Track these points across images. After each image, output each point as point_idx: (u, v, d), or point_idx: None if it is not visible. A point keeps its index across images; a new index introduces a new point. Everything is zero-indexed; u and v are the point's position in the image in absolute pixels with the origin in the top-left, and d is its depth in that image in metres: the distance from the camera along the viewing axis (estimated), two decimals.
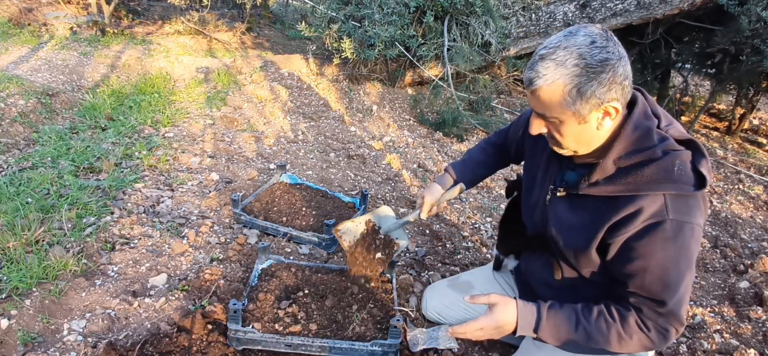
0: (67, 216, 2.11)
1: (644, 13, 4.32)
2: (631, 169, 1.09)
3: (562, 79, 1.02)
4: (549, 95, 1.05)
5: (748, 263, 2.45)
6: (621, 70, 1.02)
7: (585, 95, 1.02)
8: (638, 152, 1.08)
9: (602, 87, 1.02)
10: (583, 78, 1.01)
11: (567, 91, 1.03)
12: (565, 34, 1.05)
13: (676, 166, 1.05)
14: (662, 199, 1.05)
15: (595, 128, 1.09)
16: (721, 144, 4.51)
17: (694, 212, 1.06)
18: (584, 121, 1.07)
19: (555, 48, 1.03)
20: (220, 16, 6.35)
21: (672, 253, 1.06)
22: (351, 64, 4.64)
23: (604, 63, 1.01)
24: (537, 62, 1.05)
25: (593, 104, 1.04)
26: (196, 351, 1.59)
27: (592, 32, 1.03)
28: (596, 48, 1.01)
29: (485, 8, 4.26)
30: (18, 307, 1.62)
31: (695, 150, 1.09)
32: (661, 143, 1.08)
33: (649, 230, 1.06)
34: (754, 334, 1.96)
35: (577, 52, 1.01)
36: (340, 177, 3.05)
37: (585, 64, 1.01)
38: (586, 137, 1.12)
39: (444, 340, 1.71)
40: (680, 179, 1.04)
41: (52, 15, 5.58)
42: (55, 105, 3.44)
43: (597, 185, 1.13)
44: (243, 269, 2.01)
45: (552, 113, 1.08)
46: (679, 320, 1.12)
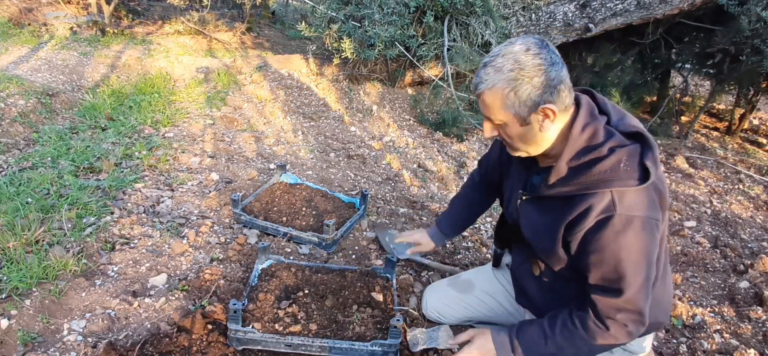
0: (67, 216, 2.11)
1: (644, 13, 4.32)
2: (581, 168, 1.14)
3: (500, 84, 1.12)
4: (491, 98, 1.15)
5: (748, 263, 2.45)
6: (554, 75, 1.11)
7: (521, 97, 1.12)
8: (587, 151, 1.14)
9: (536, 90, 1.11)
10: (518, 81, 1.10)
11: (505, 94, 1.12)
12: (505, 44, 1.15)
13: (622, 162, 1.11)
14: (610, 195, 1.11)
15: (538, 130, 1.17)
16: (721, 144, 4.51)
17: (642, 206, 1.11)
18: (525, 123, 1.16)
19: (495, 56, 1.14)
20: (220, 16, 6.35)
21: (623, 245, 1.11)
22: (351, 64, 4.64)
23: (537, 68, 1.10)
24: (481, 69, 1.16)
25: (530, 106, 1.13)
26: (196, 351, 1.59)
27: (529, 41, 1.13)
28: (530, 54, 1.10)
29: (485, 8, 4.26)
30: (18, 307, 1.63)
31: (643, 143, 1.14)
32: (609, 139, 1.14)
33: (601, 225, 1.12)
34: (754, 334, 1.96)
35: (513, 58, 1.11)
36: (340, 177, 3.05)
37: (519, 69, 1.10)
38: (532, 139, 1.20)
39: (444, 340, 1.71)
40: (625, 175, 1.10)
41: (52, 15, 5.58)
42: (55, 105, 3.44)
43: (554, 186, 1.20)
44: (243, 269, 2.01)
45: (496, 116, 1.18)
46: (638, 312, 1.16)
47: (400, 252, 2.10)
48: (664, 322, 1.39)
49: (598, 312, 1.18)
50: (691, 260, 2.52)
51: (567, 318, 1.24)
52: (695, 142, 4.49)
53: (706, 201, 3.30)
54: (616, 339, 1.20)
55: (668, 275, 1.39)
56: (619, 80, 4.83)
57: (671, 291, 1.41)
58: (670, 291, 1.40)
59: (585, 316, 1.21)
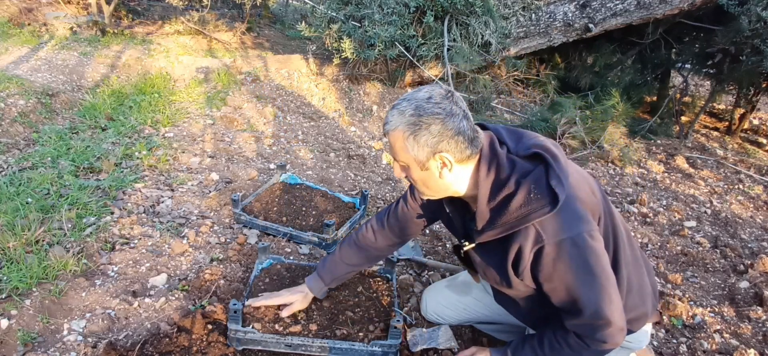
0: (67, 216, 2.11)
1: (644, 13, 4.32)
2: (499, 209, 1.17)
3: (401, 127, 1.15)
4: (394, 139, 1.18)
5: (748, 263, 2.45)
6: (451, 125, 1.13)
7: (419, 141, 1.14)
8: (498, 190, 1.16)
9: (433, 137, 1.13)
10: (415, 127, 1.14)
11: (405, 137, 1.15)
12: (413, 91, 1.19)
13: (531, 191, 1.12)
14: (533, 229, 1.13)
15: (438, 176, 1.20)
16: (721, 144, 4.51)
17: (567, 225, 1.12)
18: (425, 168, 1.19)
19: (401, 101, 1.18)
20: (220, 16, 6.34)
21: (565, 269, 1.14)
22: (351, 64, 4.64)
23: (434, 116, 1.13)
24: (389, 110, 1.20)
25: (427, 152, 1.15)
26: (196, 351, 1.59)
27: (434, 91, 1.16)
28: (431, 103, 1.14)
29: (485, 8, 4.26)
30: (18, 307, 1.63)
31: (545, 163, 1.15)
32: (512, 172, 1.16)
33: (538, 257, 1.15)
34: (754, 334, 1.96)
35: (415, 104, 1.14)
36: (340, 177, 3.05)
37: (418, 115, 1.13)
38: (433, 184, 1.23)
39: (444, 340, 1.71)
40: (538, 205, 1.11)
41: (52, 15, 5.58)
42: (55, 105, 3.44)
43: (483, 232, 1.22)
44: (243, 269, 2.01)
45: (399, 157, 1.21)
46: (608, 321, 1.16)
47: (401, 252, 2.11)
48: (650, 310, 1.39)
49: (576, 331, 1.21)
50: (691, 260, 2.52)
51: (552, 336, 1.27)
52: (695, 142, 4.49)
53: (706, 201, 3.30)
54: (601, 350, 1.22)
55: (641, 262, 1.40)
56: (619, 80, 4.83)
57: (646, 278, 1.41)
58: (645, 277, 1.40)
59: (566, 335, 1.24)
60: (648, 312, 1.39)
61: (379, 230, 1.64)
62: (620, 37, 4.89)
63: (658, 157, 4.08)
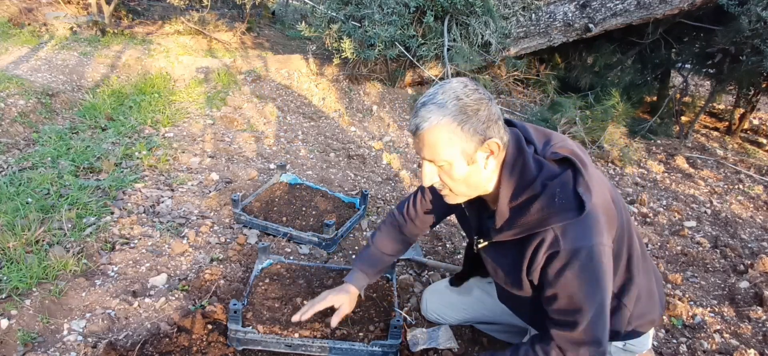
0: (67, 216, 2.11)
1: (644, 13, 4.31)
2: (520, 209, 1.13)
3: (445, 119, 1.07)
4: (435, 136, 1.09)
5: (748, 263, 2.45)
6: (494, 109, 1.11)
7: (468, 132, 1.08)
8: (522, 190, 1.13)
9: (482, 123, 1.08)
10: (464, 116, 1.07)
11: (452, 129, 1.08)
12: (440, 83, 1.13)
13: (557, 196, 1.09)
14: (553, 232, 1.10)
15: (483, 168, 1.14)
16: (721, 144, 4.51)
17: (587, 235, 1.09)
18: (472, 161, 1.12)
19: (433, 94, 1.10)
20: (220, 16, 6.34)
21: (572, 278, 1.11)
22: (351, 64, 4.63)
23: (479, 101, 1.09)
24: (420, 108, 1.11)
25: (477, 141, 1.09)
26: (196, 351, 1.59)
27: (463, 79, 1.12)
28: (469, 89, 1.10)
29: (485, 8, 4.25)
30: (18, 307, 1.63)
31: (574, 169, 1.12)
32: (540, 173, 1.12)
33: (550, 260, 1.12)
34: (754, 334, 1.96)
35: (453, 94, 1.08)
36: (340, 177, 3.05)
37: (463, 104, 1.07)
38: (476, 179, 1.16)
39: (444, 340, 1.71)
40: (562, 209, 1.08)
41: (52, 15, 5.58)
42: (55, 105, 3.44)
43: (501, 231, 1.19)
44: (243, 269, 2.01)
45: (441, 156, 1.11)
46: (596, 342, 1.14)
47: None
48: (657, 316, 1.39)
49: (558, 345, 1.17)
50: (691, 260, 2.52)
51: (529, 349, 1.22)
52: (695, 142, 4.49)
53: (706, 201, 3.30)
54: None
55: (650, 268, 1.38)
56: (619, 80, 4.82)
57: (655, 286, 1.39)
58: (653, 285, 1.39)
59: (547, 348, 1.19)
60: (656, 318, 1.38)
61: (407, 216, 1.62)
62: (620, 37, 4.89)
63: (658, 157, 4.08)
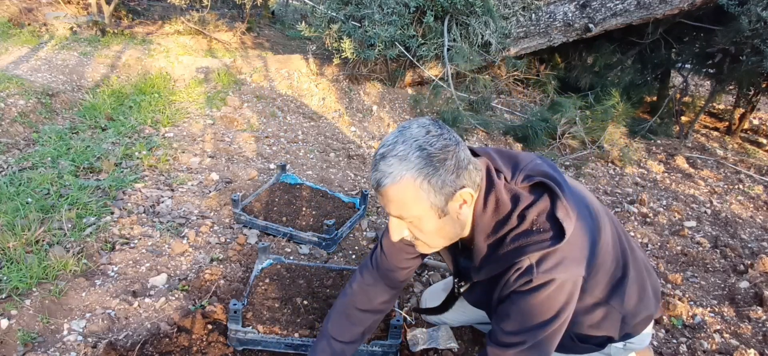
0: (67, 216, 2.11)
1: (644, 13, 4.31)
2: (499, 243, 1.07)
3: (409, 174, 0.97)
4: (400, 193, 0.99)
5: (748, 263, 2.45)
6: (462, 155, 1.01)
7: (436, 185, 0.98)
8: (499, 227, 1.06)
9: (450, 174, 0.99)
10: (430, 168, 0.97)
11: (418, 184, 0.97)
12: (399, 130, 1.02)
13: (533, 224, 1.04)
14: (528, 260, 1.04)
15: (456, 218, 1.06)
16: (721, 144, 4.51)
17: (562, 266, 1.03)
18: (444, 213, 1.03)
19: (393, 144, 0.99)
20: (220, 16, 6.34)
21: (532, 306, 1.05)
22: (351, 64, 4.63)
23: (445, 149, 0.98)
24: (379, 161, 1.00)
25: (446, 193, 1.00)
26: (196, 351, 1.59)
27: (425, 123, 1.01)
28: (433, 137, 0.99)
29: (485, 8, 4.25)
30: (18, 307, 1.63)
31: (551, 193, 1.06)
32: (516, 206, 1.05)
33: (518, 283, 1.06)
34: (754, 334, 1.96)
35: (415, 143, 0.97)
36: (340, 177, 3.05)
37: (427, 154, 0.97)
38: (449, 230, 1.08)
39: (444, 340, 1.71)
40: (539, 238, 1.02)
41: (52, 15, 5.58)
42: (55, 105, 3.44)
43: (481, 269, 1.13)
44: (243, 269, 2.01)
45: (409, 212, 1.02)
46: None
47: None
48: (653, 311, 1.37)
49: None
50: (691, 260, 2.52)
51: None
52: (695, 142, 4.49)
53: (706, 201, 3.30)
54: None
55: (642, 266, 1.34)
56: (619, 80, 4.83)
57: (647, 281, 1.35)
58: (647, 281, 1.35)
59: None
60: (652, 313, 1.38)
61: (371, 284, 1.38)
62: (620, 37, 4.89)
63: (658, 157, 4.08)
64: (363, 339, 1.42)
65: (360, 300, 1.38)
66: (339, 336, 1.36)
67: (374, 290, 1.38)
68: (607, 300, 1.25)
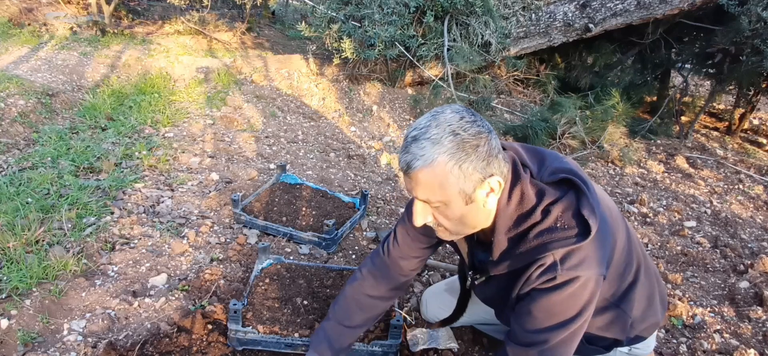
0: (67, 216, 2.11)
1: (644, 13, 4.31)
2: (520, 238, 1.06)
3: (441, 157, 0.96)
4: (430, 176, 0.98)
5: (748, 263, 2.45)
6: (494, 143, 1.01)
7: (466, 170, 0.98)
8: (522, 221, 1.05)
9: (481, 161, 0.98)
10: (462, 153, 0.97)
11: (448, 168, 0.97)
12: (432, 114, 1.01)
13: (558, 220, 1.03)
14: (552, 257, 1.03)
15: (482, 206, 1.04)
16: (721, 144, 4.51)
17: (586, 264, 1.03)
18: (471, 200, 1.02)
19: (426, 127, 0.99)
20: (220, 16, 6.34)
21: (556, 303, 1.04)
22: (351, 64, 4.63)
23: (478, 135, 0.98)
24: (410, 144, 0.99)
25: (476, 180, 0.99)
26: (196, 351, 1.59)
27: (459, 109, 1.01)
28: (467, 123, 0.98)
29: (485, 8, 4.26)
30: (18, 307, 1.63)
31: (576, 190, 1.05)
32: (541, 201, 1.04)
33: (541, 281, 1.05)
34: (754, 334, 1.96)
35: (449, 128, 0.97)
36: (340, 177, 3.05)
37: (460, 139, 0.97)
38: (473, 218, 1.06)
39: (444, 340, 1.72)
40: (563, 235, 1.02)
41: (52, 15, 5.58)
42: (55, 105, 3.44)
43: (499, 263, 1.12)
44: (243, 269, 2.01)
45: (436, 196, 1.01)
46: None
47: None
48: (660, 318, 1.38)
49: None
50: (691, 260, 2.52)
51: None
52: (695, 142, 4.49)
53: (706, 201, 3.30)
54: None
55: (652, 272, 1.35)
56: (619, 80, 4.83)
57: (656, 290, 1.36)
58: (655, 289, 1.35)
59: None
60: (659, 321, 1.38)
61: (390, 257, 1.39)
62: (620, 37, 4.89)
63: (658, 157, 4.08)
64: (365, 326, 1.44)
65: (369, 285, 1.41)
66: (343, 319, 1.39)
67: (385, 275, 1.41)
68: (618, 304, 1.25)
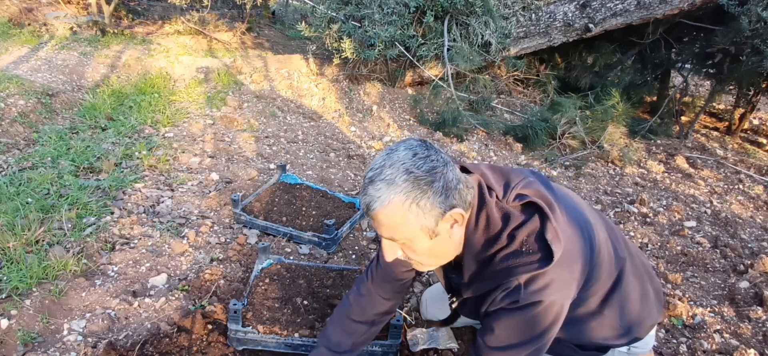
0: (67, 216, 2.11)
1: (644, 13, 4.31)
2: (488, 261, 1.08)
3: (397, 197, 0.97)
4: (390, 216, 0.99)
5: (748, 263, 2.45)
6: (451, 175, 1.01)
7: (425, 208, 0.98)
8: (489, 245, 1.07)
9: (439, 196, 0.99)
10: (417, 191, 0.97)
11: (406, 207, 0.98)
12: (386, 152, 1.02)
13: (523, 245, 1.04)
14: (516, 281, 1.04)
15: (448, 238, 1.06)
16: (721, 144, 4.51)
17: (549, 289, 1.04)
18: (435, 234, 1.03)
19: (380, 168, 0.99)
20: (220, 16, 6.34)
21: (517, 324, 1.06)
22: (351, 64, 4.63)
23: (432, 171, 0.98)
24: (368, 186, 1.00)
25: (436, 215, 1.00)
26: (196, 351, 1.59)
27: (412, 144, 1.02)
28: (420, 159, 0.99)
29: (485, 8, 4.26)
30: (18, 307, 1.63)
31: (541, 214, 1.06)
32: (505, 225, 1.05)
33: (506, 299, 1.06)
34: (754, 334, 1.96)
35: (402, 167, 0.98)
36: (340, 177, 3.05)
37: (414, 177, 0.97)
38: (442, 250, 1.08)
39: (444, 340, 1.72)
40: (527, 260, 1.03)
41: (52, 15, 5.58)
42: (55, 105, 3.44)
43: (470, 285, 1.14)
44: (243, 269, 2.01)
45: (400, 234, 1.03)
46: None
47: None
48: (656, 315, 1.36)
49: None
50: (691, 260, 2.52)
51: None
52: (695, 142, 4.49)
53: (706, 201, 3.30)
54: None
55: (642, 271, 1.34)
56: (619, 80, 4.83)
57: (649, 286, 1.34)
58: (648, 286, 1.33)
59: None
60: (656, 319, 1.37)
61: (366, 295, 1.39)
62: (620, 37, 4.89)
63: (658, 157, 4.08)
64: (357, 349, 1.42)
65: (355, 310, 1.40)
66: (334, 346, 1.39)
67: (370, 300, 1.39)
68: (601, 310, 1.25)
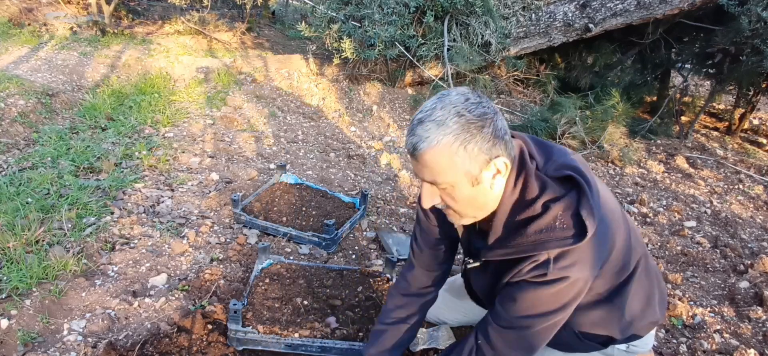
0: (67, 216, 2.11)
1: (644, 13, 4.31)
2: (516, 228, 1.07)
3: (446, 139, 0.97)
4: (436, 157, 0.99)
5: (748, 263, 2.45)
6: (500, 124, 1.01)
7: (472, 152, 0.98)
8: (521, 209, 1.06)
9: (486, 142, 0.98)
10: (467, 134, 0.97)
11: (454, 150, 0.97)
12: (438, 96, 1.03)
13: (557, 219, 1.02)
14: (546, 255, 1.04)
15: (489, 188, 1.04)
16: (721, 144, 4.51)
17: (577, 266, 1.04)
18: (477, 182, 1.02)
19: (432, 110, 0.99)
20: (220, 16, 6.34)
21: (541, 297, 1.06)
22: (351, 64, 4.63)
23: (483, 117, 0.98)
24: (416, 126, 1.00)
25: (481, 161, 1.00)
26: (196, 351, 1.59)
27: (464, 91, 1.02)
28: (472, 104, 0.99)
29: (485, 8, 4.26)
30: (18, 307, 1.63)
31: (579, 190, 1.04)
32: (542, 193, 1.04)
33: (533, 271, 1.06)
34: (754, 334, 1.96)
35: (454, 110, 0.98)
36: (340, 177, 3.05)
37: (465, 120, 0.97)
38: (482, 200, 1.07)
39: (444, 340, 1.72)
40: (561, 234, 1.02)
41: (52, 15, 5.58)
42: (55, 105, 3.44)
43: (493, 248, 1.12)
44: (243, 269, 2.01)
45: (443, 178, 1.02)
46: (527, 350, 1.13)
47: (401, 252, 2.11)
48: (659, 316, 1.36)
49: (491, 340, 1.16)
50: (691, 260, 2.52)
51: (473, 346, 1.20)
52: (695, 142, 4.49)
53: (706, 201, 3.30)
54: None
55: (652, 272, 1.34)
56: (619, 80, 4.83)
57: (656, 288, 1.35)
58: (654, 287, 1.34)
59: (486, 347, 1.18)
60: (657, 319, 1.37)
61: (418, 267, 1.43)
62: (620, 37, 4.89)
63: (658, 157, 4.08)
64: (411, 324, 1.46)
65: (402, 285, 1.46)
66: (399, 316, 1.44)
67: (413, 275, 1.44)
68: (611, 300, 1.25)
